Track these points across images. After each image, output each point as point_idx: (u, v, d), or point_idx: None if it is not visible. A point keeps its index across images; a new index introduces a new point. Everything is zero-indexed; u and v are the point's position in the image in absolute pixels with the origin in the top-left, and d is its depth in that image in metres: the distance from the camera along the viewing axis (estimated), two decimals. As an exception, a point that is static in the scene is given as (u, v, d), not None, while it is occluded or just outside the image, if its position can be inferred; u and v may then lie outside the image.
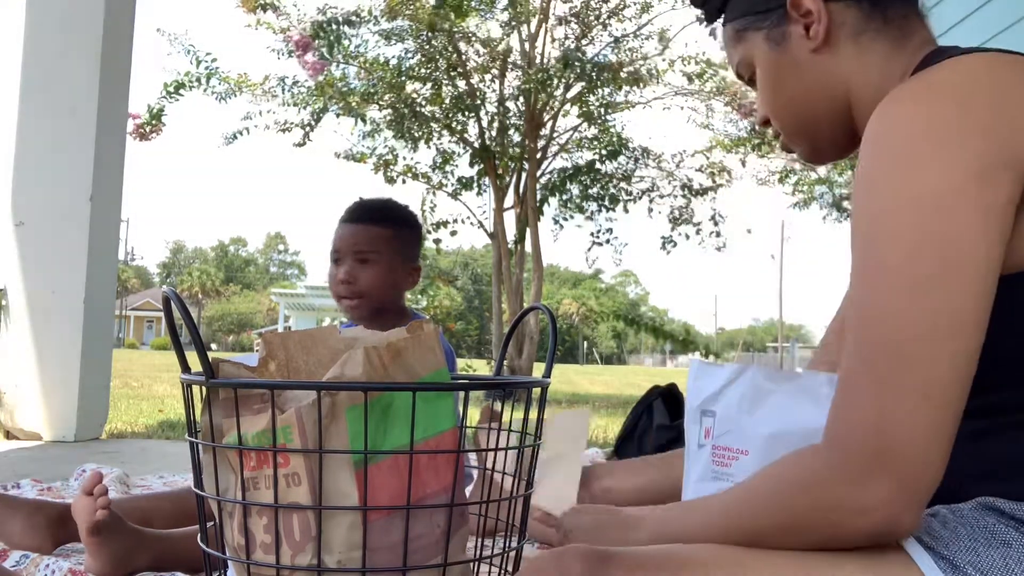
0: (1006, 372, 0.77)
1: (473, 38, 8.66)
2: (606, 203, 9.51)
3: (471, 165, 9.24)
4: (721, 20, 1.02)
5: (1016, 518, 0.74)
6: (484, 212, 9.51)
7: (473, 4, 8.11)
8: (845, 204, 14.03)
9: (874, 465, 0.70)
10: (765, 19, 0.95)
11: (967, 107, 0.75)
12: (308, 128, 8.46)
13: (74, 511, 1.31)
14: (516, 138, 9.25)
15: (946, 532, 0.75)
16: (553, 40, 9.01)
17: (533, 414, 0.93)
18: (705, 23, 1.06)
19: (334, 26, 7.39)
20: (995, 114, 0.75)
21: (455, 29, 7.92)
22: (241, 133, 8.36)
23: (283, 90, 8.28)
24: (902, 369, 0.70)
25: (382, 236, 1.89)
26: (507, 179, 9.25)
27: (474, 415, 4.92)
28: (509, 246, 9.15)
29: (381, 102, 8.54)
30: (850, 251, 0.78)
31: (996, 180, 0.72)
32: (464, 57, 8.77)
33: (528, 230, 9.07)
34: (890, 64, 0.90)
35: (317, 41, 7.32)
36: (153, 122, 7.30)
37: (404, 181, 9.20)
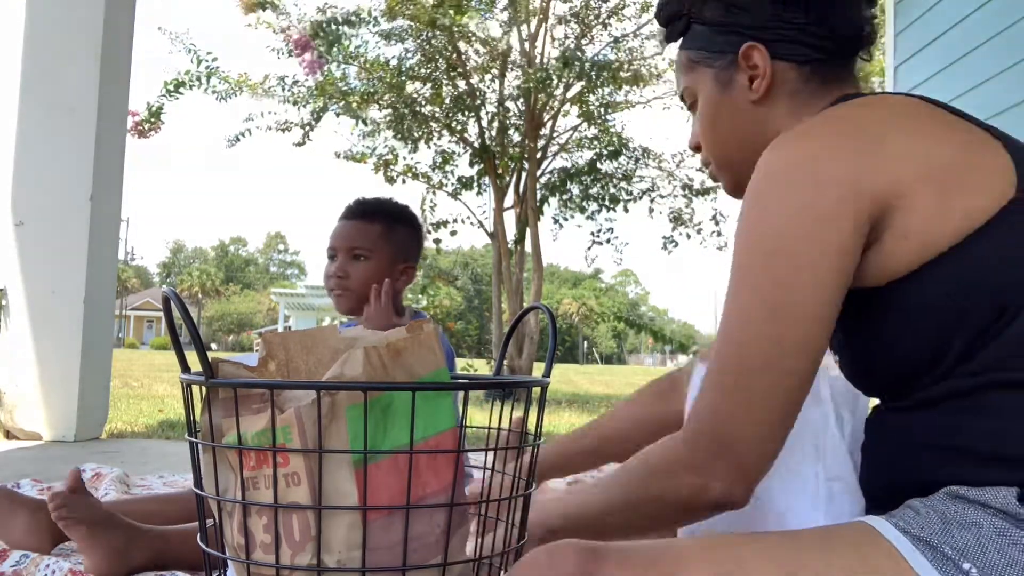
0: (923, 369, 0.84)
1: (473, 38, 8.66)
2: (606, 203, 9.51)
3: (471, 165, 9.25)
4: (679, 43, 1.08)
5: (980, 502, 0.77)
6: (484, 212, 9.52)
7: (473, 3, 8.12)
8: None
9: (715, 457, 0.85)
10: (717, 59, 1.02)
11: (821, 149, 0.85)
12: (308, 128, 8.47)
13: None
14: (516, 138, 9.25)
15: (920, 519, 0.77)
16: (553, 40, 9.01)
17: (533, 414, 0.93)
18: (664, 41, 1.11)
19: (333, 26, 7.39)
20: (847, 156, 0.84)
21: (455, 27, 7.92)
22: (243, 135, 8.37)
23: (283, 89, 8.28)
24: (740, 384, 0.84)
25: (376, 233, 1.90)
26: (507, 179, 9.26)
27: (476, 415, 4.91)
28: (509, 246, 9.15)
29: (381, 102, 8.54)
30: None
31: (841, 221, 0.82)
32: (464, 57, 8.77)
33: (528, 230, 9.08)
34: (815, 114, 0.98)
35: (316, 40, 7.32)
36: (152, 120, 7.31)
37: (404, 181, 9.21)
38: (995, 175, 0.84)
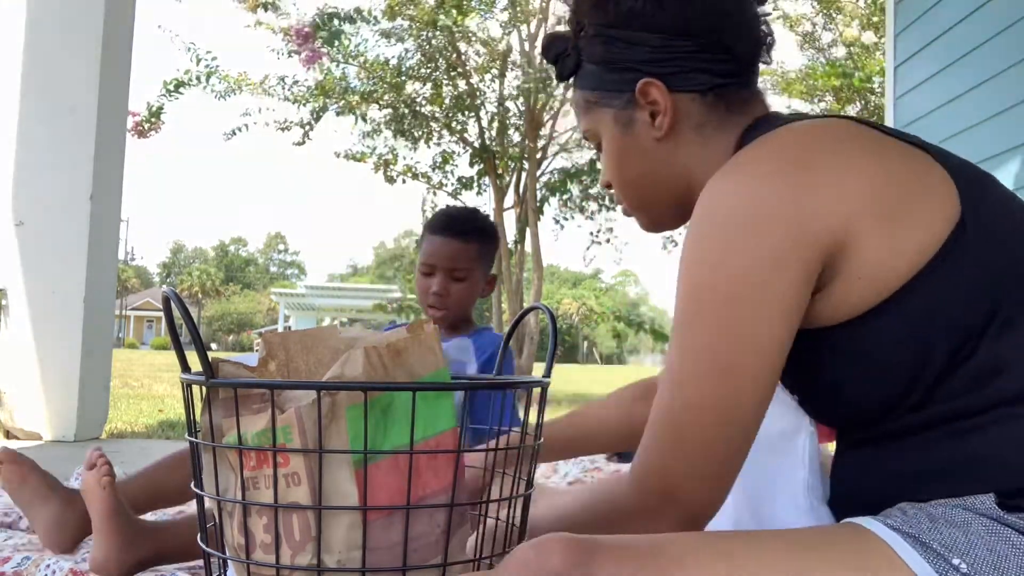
0: (890, 404, 0.84)
1: (473, 38, 8.66)
2: (607, 203, 9.52)
3: (471, 165, 9.25)
4: (572, 81, 1.03)
5: (965, 507, 0.78)
6: (484, 212, 9.53)
7: (473, 4, 8.12)
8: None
9: (663, 504, 0.85)
10: (614, 99, 0.97)
11: (768, 191, 0.81)
12: (308, 127, 8.47)
13: (84, 491, 1.31)
14: (516, 138, 9.25)
15: (909, 519, 0.78)
16: (553, 40, 9.01)
17: (533, 414, 0.93)
18: (556, 79, 1.06)
19: (335, 21, 7.40)
20: (795, 195, 0.80)
21: (456, 26, 7.92)
22: (241, 129, 8.37)
23: (283, 88, 8.29)
24: (690, 435, 0.83)
25: (474, 253, 1.94)
26: (507, 179, 9.26)
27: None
28: (509, 246, 9.15)
29: (381, 102, 8.54)
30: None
31: (790, 264, 0.80)
32: (464, 57, 8.78)
33: (528, 230, 9.08)
34: (727, 145, 0.95)
35: (318, 32, 7.32)
36: (152, 120, 7.31)
37: (404, 181, 9.21)
38: (939, 199, 0.82)
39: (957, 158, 0.88)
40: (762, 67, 1.02)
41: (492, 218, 9.23)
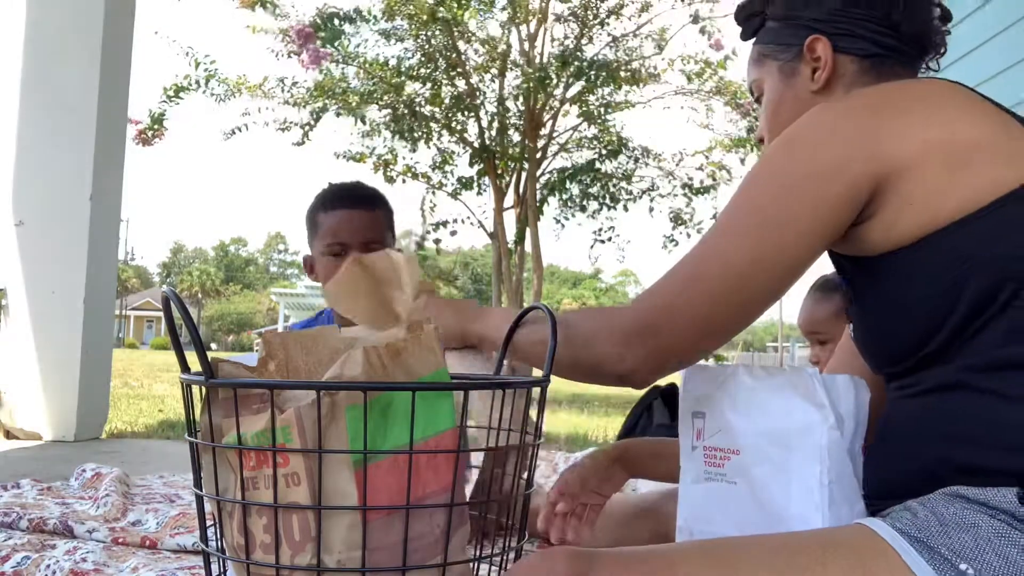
0: (927, 339, 0.87)
1: (472, 37, 8.66)
2: (607, 202, 9.51)
3: (471, 165, 9.25)
4: (752, 40, 1.15)
5: (980, 502, 0.77)
6: (484, 212, 9.52)
7: (473, 3, 8.12)
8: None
9: (647, 331, 0.92)
10: (783, 52, 1.08)
11: (842, 115, 0.91)
12: (307, 128, 8.47)
13: None
14: (516, 138, 9.25)
15: (917, 521, 0.77)
16: (553, 40, 9.01)
17: (533, 414, 0.93)
18: (740, 38, 1.17)
19: (336, 20, 7.40)
20: (866, 122, 0.89)
21: (455, 24, 7.91)
22: (240, 129, 8.37)
23: (282, 90, 8.29)
24: (702, 278, 0.90)
25: (383, 221, 1.79)
26: (507, 179, 9.26)
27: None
28: (509, 246, 9.15)
29: (380, 102, 8.54)
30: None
31: (838, 180, 0.88)
32: (463, 57, 8.77)
33: (528, 230, 9.08)
34: None
35: (319, 32, 7.32)
36: (155, 127, 7.31)
37: (404, 181, 9.21)
38: (1016, 161, 0.86)
39: None
40: None
41: (492, 218, 9.23)
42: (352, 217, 1.74)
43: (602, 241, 9.76)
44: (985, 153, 0.86)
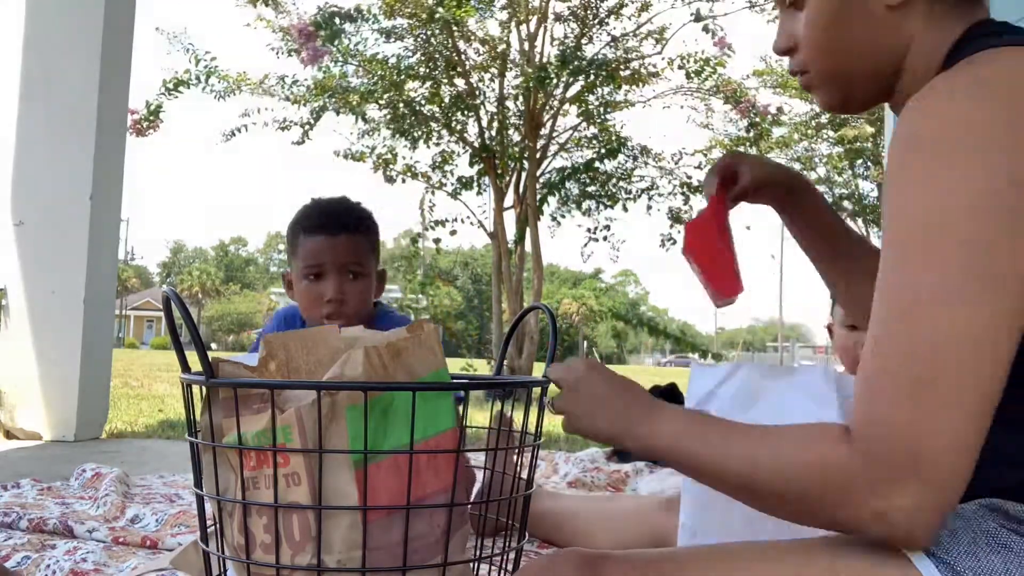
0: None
1: (472, 37, 8.66)
2: (605, 201, 9.51)
3: (471, 165, 9.24)
4: None
5: (1019, 519, 0.73)
6: (484, 212, 9.51)
7: (472, 3, 8.12)
8: (845, 204, 14.04)
9: (902, 469, 0.67)
10: None
11: (1010, 110, 0.73)
12: (307, 127, 8.47)
13: None
14: (516, 137, 9.25)
15: (946, 535, 0.73)
16: (553, 40, 9.01)
17: (533, 414, 0.93)
18: None
19: (336, 20, 7.39)
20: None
21: (455, 20, 7.91)
22: (240, 130, 8.37)
23: (282, 87, 8.28)
24: (943, 376, 0.68)
25: (366, 247, 1.74)
26: (507, 178, 9.25)
27: (476, 416, 4.90)
28: (509, 246, 9.14)
29: (380, 101, 8.53)
30: (882, 248, 0.76)
31: None
32: (463, 56, 8.77)
33: (528, 230, 9.07)
34: (945, 34, 0.87)
35: (319, 30, 7.32)
36: (151, 118, 7.30)
37: (404, 180, 9.20)
38: None
39: None
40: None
41: (492, 218, 9.23)
42: (332, 243, 1.70)
43: (596, 239, 9.74)
44: None
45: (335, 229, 1.70)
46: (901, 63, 0.90)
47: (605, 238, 9.77)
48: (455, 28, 8.26)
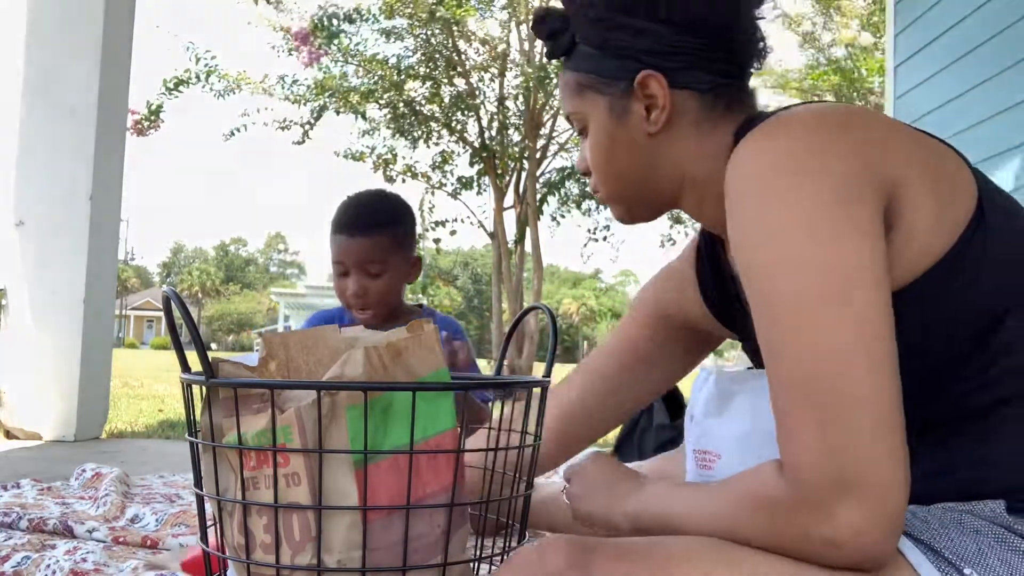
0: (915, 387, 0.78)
1: (472, 37, 8.66)
2: (605, 201, 9.51)
3: (471, 165, 9.25)
4: (563, 61, 1.00)
5: (975, 513, 0.76)
6: (484, 212, 9.52)
7: (472, 3, 8.12)
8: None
9: (837, 493, 0.68)
10: (610, 86, 0.93)
11: (823, 134, 0.77)
12: (307, 126, 8.47)
13: None
14: (516, 137, 9.25)
15: (917, 521, 0.77)
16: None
17: (533, 414, 0.93)
18: (546, 57, 1.03)
19: (335, 21, 7.40)
20: (849, 139, 0.77)
21: (455, 20, 7.91)
22: (240, 129, 8.37)
23: (282, 87, 8.29)
24: (835, 392, 0.70)
25: (386, 245, 1.81)
26: (507, 178, 9.26)
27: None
28: (509, 246, 9.14)
29: (380, 101, 8.54)
30: (748, 296, 0.78)
31: (862, 197, 0.74)
32: (463, 56, 8.77)
33: (528, 230, 9.08)
34: (722, 136, 0.92)
35: (317, 31, 7.32)
36: (151, 118, 7.30)
37: (404, 180, 9.21)
38: (962, 181, 0.81)
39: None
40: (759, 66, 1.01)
41: (492, 218, 9.24)
42: (350, 244, 1.81)
43: (595, 239, 9.75)
44: (945, 172, 0.81)
45: (353, 230, 1.81)
46: (680, 176, 0.94)
47: (605, 238, 9.79)
48: (455, 28, 8.26)
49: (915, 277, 0.77)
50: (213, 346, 57.59)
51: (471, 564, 0.86)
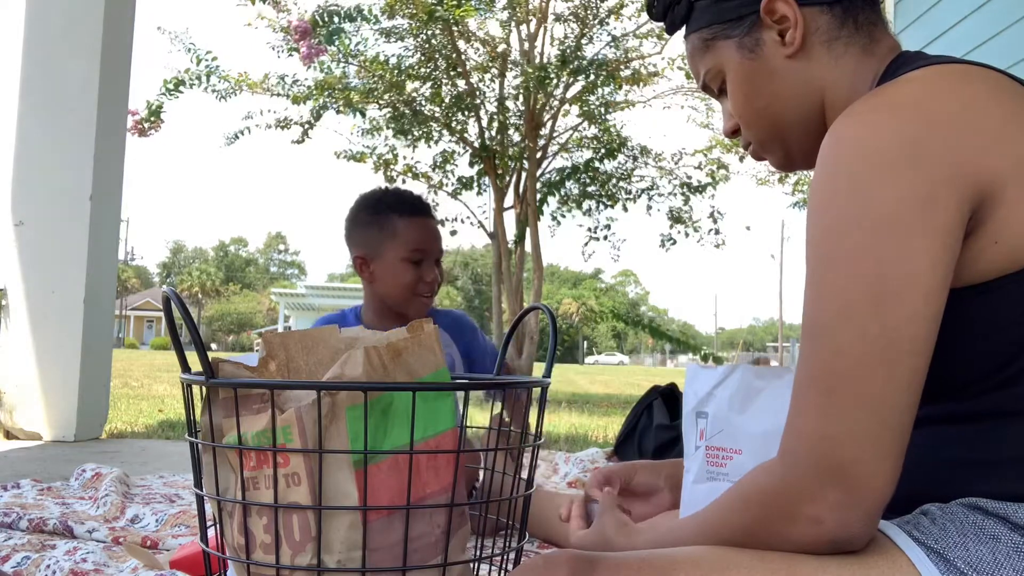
0: (976, 378, 0.79)
1: (472, 37, 8.66)
2: (605, 200, 9.51)
3: (471, 165, 9.25)
4: (684, 31, 1.01)
5: (999, 515, 0.75)
6: (484, 212, 9.52)
7: (472, 3, 8.12)
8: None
9: (824, 478, 0.72)
10: (736, 27, 0.94)
11: (922, 127, 0.75)
12: (308, 126, 8.47)
13: None
14: (516, 138, 9.25)
15: (935, 528, 0.75)
16: (553, 40, 9.01)
17: (533, 414, 0.93)
18: (667, 33, 1.04)
19: (335, 19, 7.40)
20: (950, 135, 0.75)
21: (456, 20, 7.91)
22: (242, 133, 8.38)
23: (283, 87, 8.28)
24: (845, 387, 0.72)
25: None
26: (507, 179, 9.25)
27: (476, 415, 4.90)
28: (509, 246, 9.14)
29: (381, 101, 8.54)
30: (804, 264, 0.79)
31: (945, 202, 0.73)
32: (463, 56, 8.77)
33: (528, 230, 9.07)
34: (861, 69, 0.91)
35: (317, 28, 7.32)
36: (152, 118, 7.30)
37: (404, 180, 9.20)
38: None
39: None
40: None
41: (492, 218, 9.24)
42: (432, 228, 1.82)
43: (596, 239, 9.74)
44: None
45: (430, 214, 1.83)
46: (822, 105, 0.94)
47: (605, 238, 9.78)
48: (455, 28, 8.26)
49: (1004, 273, 0.76)
50: (213, 346, 57.57)
51: (471, 564, 0.86)
